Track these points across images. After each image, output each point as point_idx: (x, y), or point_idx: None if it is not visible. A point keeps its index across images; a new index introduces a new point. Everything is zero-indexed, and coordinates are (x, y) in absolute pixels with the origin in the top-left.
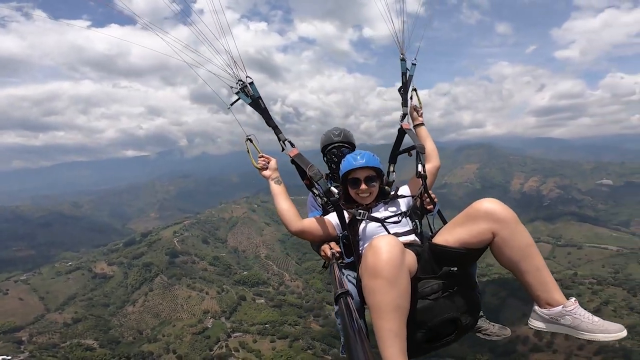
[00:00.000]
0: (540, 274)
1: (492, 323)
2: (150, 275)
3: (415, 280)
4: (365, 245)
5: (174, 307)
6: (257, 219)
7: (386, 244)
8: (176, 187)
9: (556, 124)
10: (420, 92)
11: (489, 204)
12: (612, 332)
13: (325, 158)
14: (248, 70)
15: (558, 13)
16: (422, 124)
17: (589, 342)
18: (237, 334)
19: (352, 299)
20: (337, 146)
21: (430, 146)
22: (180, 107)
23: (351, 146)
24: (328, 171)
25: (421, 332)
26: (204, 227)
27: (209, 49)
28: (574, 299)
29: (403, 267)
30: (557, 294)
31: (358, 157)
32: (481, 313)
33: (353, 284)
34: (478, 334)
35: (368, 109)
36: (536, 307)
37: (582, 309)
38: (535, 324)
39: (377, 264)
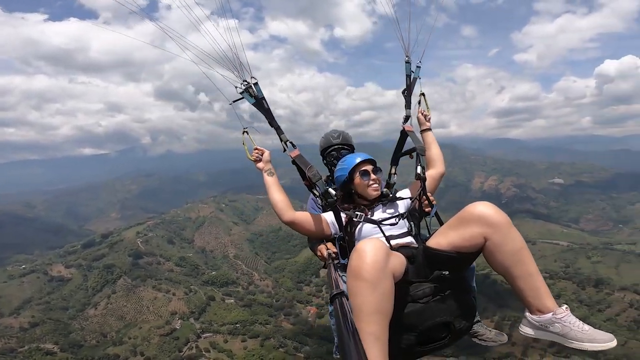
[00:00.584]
0: (532, 280)
1: (489, 329)
2: (113, 277)
3: (406, 283)
4: None
5: (140, 309)
6: (225, 219)
7: (371, 247)
8: (139, 186)
9: (514, 125)
10: (389, 92)
11: (482, 208)
12: (600, 341)
13: (325, 160)
14: (213, 67)
15: (519, 17)
16: (429, 129)
17: (579, 351)
18: (207, 334)
19: (348, 299)
20: (337, 148)
21: (435, 152)
22: (143, 103)
23: (350, 147)
24: (328, 173)
25: (412, 335)
26: (169, 227)
27: (216, 48)
28: (565, 306)
29: (386, 271)
30: (548, 300)
31: (354, 156)
32: (478, 318)
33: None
34: (474, 339)
35: (337, 108)
36: (527, 314)
37: (573, 317)
38: (525, 330)
39: (359, 266)
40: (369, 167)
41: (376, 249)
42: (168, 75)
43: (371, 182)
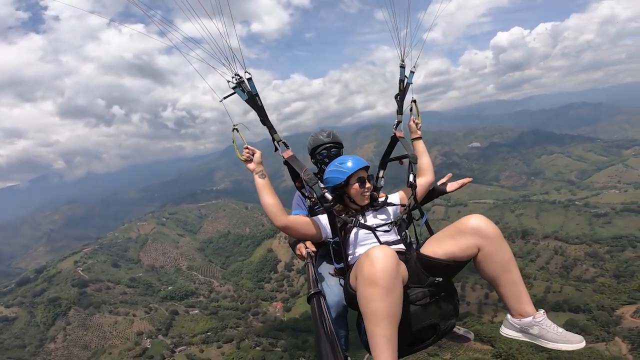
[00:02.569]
0: (516, 288)
1: (458, 327)
2: (62, 309)
3: (405, 288)
4: (356, 253)
5: (103, 335)
6: (169, 232)
7: (383, 254)
8: (63, 216)
9: (432, 99)
10: (316, 81)
11: (476, 221)
12: (573, 342)
13: (313, 159)
14: (125, 77)
15: None
16: (420, 137)
17: (554, 350)
18: (181, 347)
19: (325, 299)
20: (327, 147)
21: (426, 161)
22: (46, 124)
23: (339, 145)
24: (316, 171)
25: (404, 337)
26: (109, 250)
27: (210, 41)
28: (542, 310)
29: (398, 277)
30: (528, 306)
31: (352, 160)
32: None
33: (341, 287)
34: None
35: (266, 103)
36: (509, 316)
37: (549, 321)
38: (507, 331)
39: (373, 273)
40: (365, 175)
41: (387, 256)
42: (70, 91)
43: (365, 191)
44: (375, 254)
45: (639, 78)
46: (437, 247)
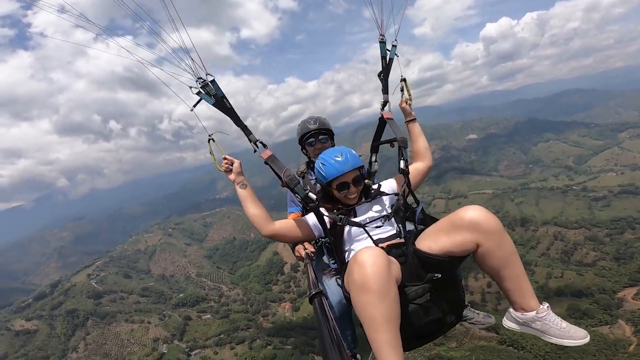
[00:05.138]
0: (519, 282)
1: (477, 312)
2: (80, 320)
3: (400, 286)
4: (351, 250)
5: (121, 343)
6: (176, 242)
7: (371, 257)
8: (71, 233)
9: (428, 93)
10: (311, 83)
11: (474, 213)
12: (576, 338)
13: (304, 150)
14: (119, 91)
15: None
16: (414, 119)
17: (556, 346)
18: (197, 350)
19: (327, 299)
20: (314, 134)
21: (422, 144)
22: (45, 143)
23: (328, 132)
24: (307, 160)
25: (407, 334)
26: (120, 263)
27: (165, 46)
28: (547, 305)
29: (390, 279)
30: (532, 300)
31: (340, 158)
32: (466, 302)
33: (340, 286)
34: (464, 322)
35: (263, 108)
36: (511, 310)
37: (553, 315)
38: (509, 324)
39: (364, 278)
40: (349, 179)
41: (376, 258)
42: (65, 108)
43: (350, 194)
44: (362, 257)
45: (629, 62)
46: (433, 242)
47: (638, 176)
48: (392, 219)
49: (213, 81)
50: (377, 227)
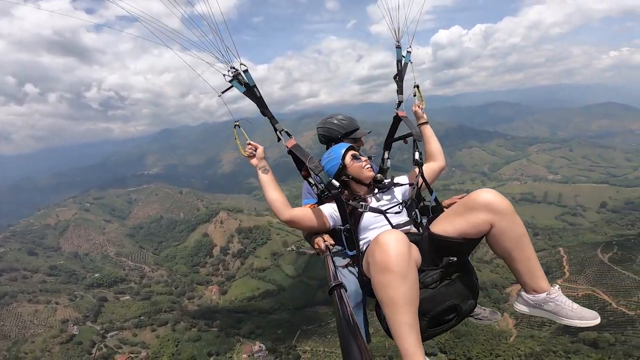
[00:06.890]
0: (530, 263)
1: (483, 307)
2: None
3: (418, 270)
4: (367, 238)
5: (23, 325)
6: (93, 218)
7: (393, 239)
8: None
9: (374, 90)
10: (260, 67)
11: (487, 195)
12: (588, 319)
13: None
14: (43, 55)
15: None
16: (426, 122)
17: (567, 327)
18: (113, 332)
19: (346, 291)
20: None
21: (435, 146)
22: None
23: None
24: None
25: (424, 321)
26: (24, 238)
27: (198, 34)
28: (557, 286)
29: (411, 261)
30: (543, 281)
31: (336, 146)
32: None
33: (355, 276)
34: (470, 318)
35: (207, 86)
36: (522, 292)
37: (564, 297)
38: (520, 307)
39: (386, 259)
40: (354, 152)
41: (399, 241)
42: None
43: (364, 164)
44: (385, 239)
45: (554, 81)
46: (448, 225)
47: (537, 186)
48: (407, 207)
49: (246, 71)
50: (395, 213)
